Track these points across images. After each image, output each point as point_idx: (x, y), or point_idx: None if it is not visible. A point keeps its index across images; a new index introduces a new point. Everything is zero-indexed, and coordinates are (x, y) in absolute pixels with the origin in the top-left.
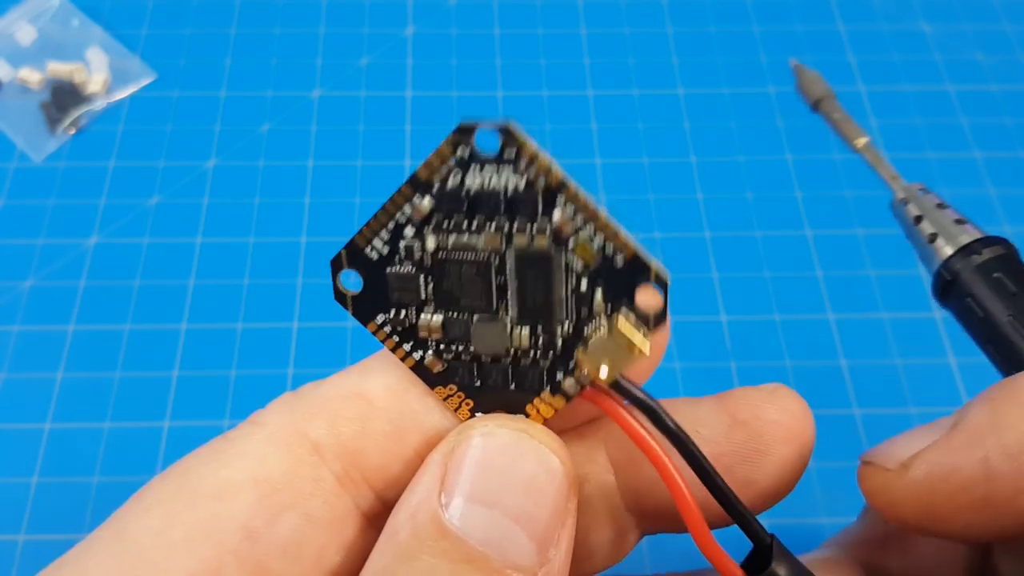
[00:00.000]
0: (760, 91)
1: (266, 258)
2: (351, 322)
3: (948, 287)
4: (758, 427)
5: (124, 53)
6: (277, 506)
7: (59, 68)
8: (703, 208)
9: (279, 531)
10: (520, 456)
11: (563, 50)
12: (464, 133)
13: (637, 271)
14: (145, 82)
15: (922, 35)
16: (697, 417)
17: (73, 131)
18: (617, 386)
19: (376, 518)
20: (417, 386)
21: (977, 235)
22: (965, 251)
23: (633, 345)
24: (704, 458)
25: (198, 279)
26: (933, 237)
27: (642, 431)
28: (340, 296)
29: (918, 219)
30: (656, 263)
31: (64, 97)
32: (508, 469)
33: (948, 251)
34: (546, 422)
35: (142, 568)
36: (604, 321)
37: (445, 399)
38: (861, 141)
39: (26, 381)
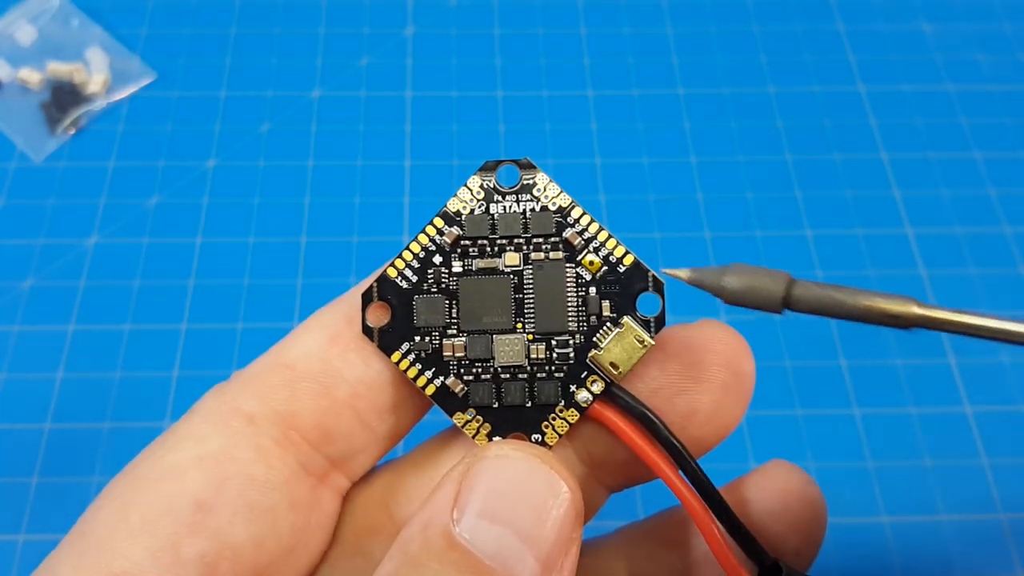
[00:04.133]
0: (760, 91)
1: (266, 258)
2: None
3: None
4: (689, 356)
5: (124, 53)
6: (221, 476)
7: (59, 68)
8: (703, 208)
9: (228, 498)
10: (532, 480)
11: (563, 50)
12: (488, 170)
13: (637, 278)
14: (145, 82)
15: (922, 35)
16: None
17: (73, 131)
18: (618, 398)
19: (324, 476)
20: (336, 346)
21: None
22: None
23: (642, 339)
24: (701, 471)
25: (198, 279)
26: None
27: (649, 450)
28: (367, 329)
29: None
30: (653, 271)
31: (64, 97)
32: (520, 491)
33: None
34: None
35: (104, 555)
36: (612, 327)
37: (464, 425)
38: (917, 310)
39: (26, 381)
